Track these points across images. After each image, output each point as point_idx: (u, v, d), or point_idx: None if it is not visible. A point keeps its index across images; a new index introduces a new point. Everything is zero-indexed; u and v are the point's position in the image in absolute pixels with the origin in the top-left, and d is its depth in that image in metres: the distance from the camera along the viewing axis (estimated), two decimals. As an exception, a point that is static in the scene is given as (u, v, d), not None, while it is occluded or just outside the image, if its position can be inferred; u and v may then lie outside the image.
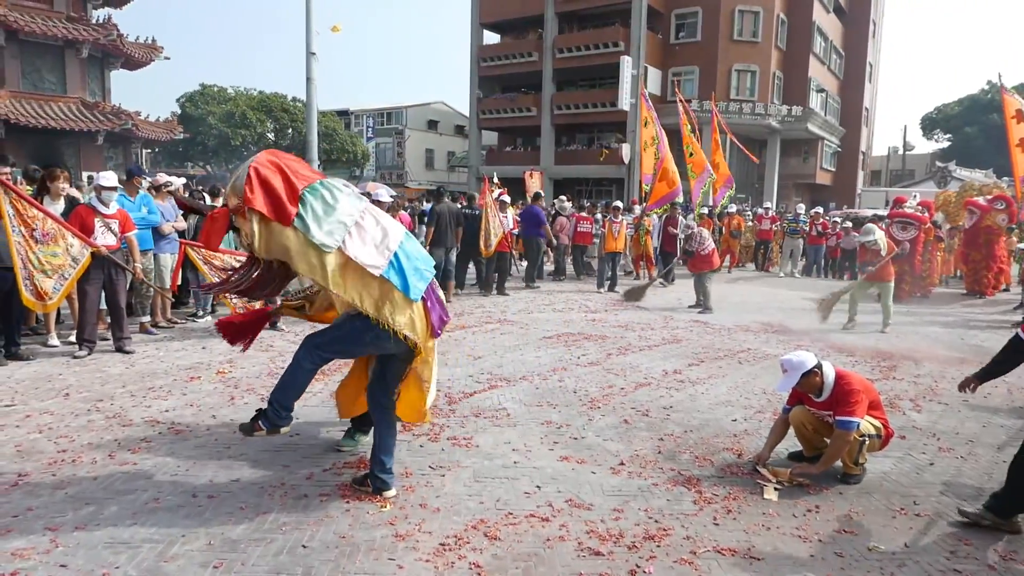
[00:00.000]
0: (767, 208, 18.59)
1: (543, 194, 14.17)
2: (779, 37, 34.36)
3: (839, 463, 4.06)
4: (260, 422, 3.58)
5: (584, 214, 14.92)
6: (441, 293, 3.83)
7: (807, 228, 16.69)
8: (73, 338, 6.82)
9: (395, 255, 3.42)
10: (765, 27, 33.34)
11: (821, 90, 37.43)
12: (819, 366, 4.09)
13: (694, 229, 10.98)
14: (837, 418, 3.95)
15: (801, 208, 17.67)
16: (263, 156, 3.44)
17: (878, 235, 8.95)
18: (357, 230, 3.37)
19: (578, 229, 14.41)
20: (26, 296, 5.90)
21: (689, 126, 14.98)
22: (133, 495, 3.56)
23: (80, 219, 6.40)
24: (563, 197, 18.34)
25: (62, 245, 6.10)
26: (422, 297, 3.48)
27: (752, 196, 33.85)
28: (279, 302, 4.24)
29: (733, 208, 18.09)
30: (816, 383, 4.06)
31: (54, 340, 6.93)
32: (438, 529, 3.30)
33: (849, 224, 16.43)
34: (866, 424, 4.02)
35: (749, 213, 19.60)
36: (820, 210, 17.29)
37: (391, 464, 3.68)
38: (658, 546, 3.21)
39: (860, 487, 3.98)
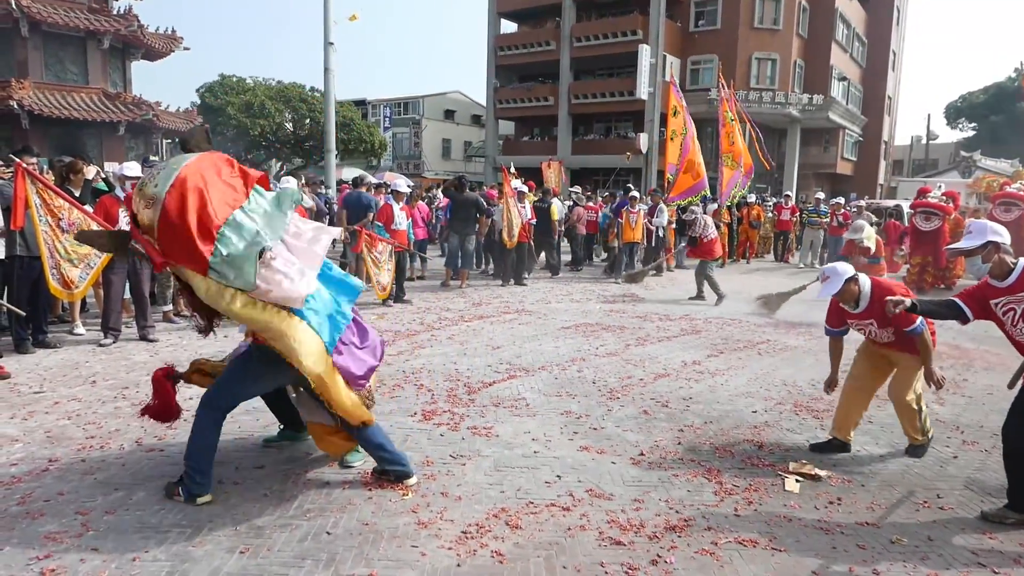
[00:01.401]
0: (787, 198, 18.38)
1: (632, 189, 14.02)
2: (800, 25, 33.84)
3: (903, 433, 4.29)
4: (180, 488, 3.39)
5: (590, 204, 15.55)
6: (373, 336, 3.60)
7: (827, 218, 16.48)
8: (98, 326, 6.93)
9: (309, 297, 3.20)
10: (786, 15, 32.84)
11: (843, 78, 36.86)
12: (856, 279, 4.18)
13: (698, 215, 10.73)
14: (906, 331, 4.04)
15: (821, 195, 17.36)
16: (187, 176, 2.99)
17: (866, 232, 8.76)
18: (271, 266, 3.09)
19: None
20: (53, 285, 5.99)
21: (730, 114, 14.74)
22: (160, 481, 3.62)
23: (104, 209, 6.49)
24: (578, 188, 18.27)
25: (88, 235, 6.18)
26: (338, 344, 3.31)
27: (771, 186, 33.49)
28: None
29: (752, 198, 17.89)
30: (854, 291, 4.15)
31: (80, 328, 7.05)
32: (460, 517, 3.32)
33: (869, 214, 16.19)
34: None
35: (769, 203, 19.39)
36: (841, 200, 17.05)
37: (393, 449, 3.64)
38: (679, 536, 3.22)
39: (883, 480, 3.96)
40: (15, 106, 16.86)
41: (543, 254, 13.43)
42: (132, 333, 6.94)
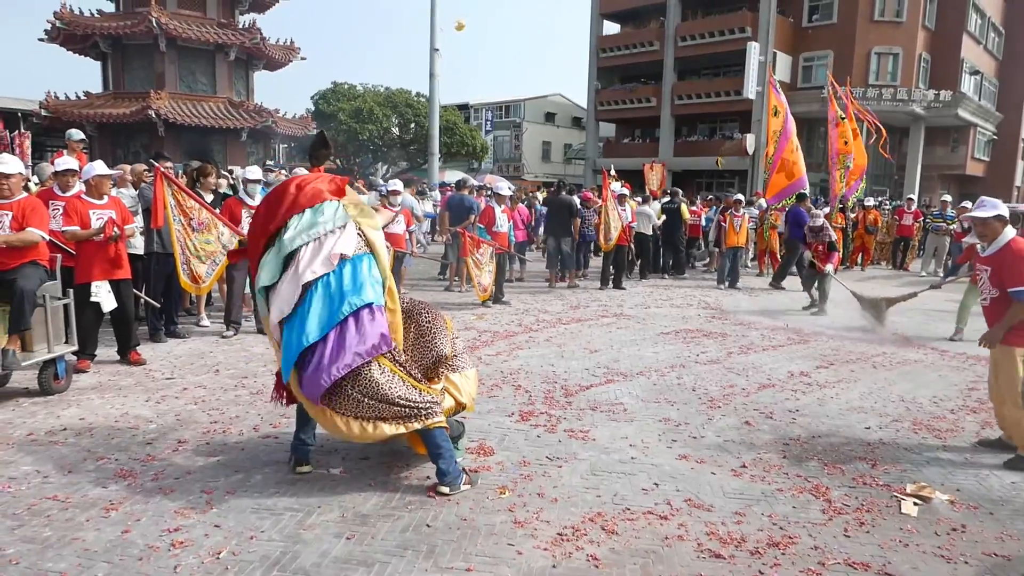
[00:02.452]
0: (909, 201, 17.20)
1: (807, 194, 13.11)
2: (927, 16, 31.55)
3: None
4: (293, 455, 3.87)
5: (692, 207, 15.31)
6: (327, 361, 3.36)
7: (954, 224, 15.25)
8: (221, 319, 7.46)
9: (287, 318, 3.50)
10: (911, 6, 30.68)
11: (975, 72, 34.02)
12: (1006, 222, 4.27)
13: (824, 222, 9.96)
14: (1010, 290, 4.10)
15: (948, 198, 16.07)
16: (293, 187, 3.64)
17: None
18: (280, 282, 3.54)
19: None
20: (183, 279, 6.51)
21: (841, 113, 14.03)
22: (275, 466, 3.86)
23: (229, 210, 6.98)
24: (678, 190, 17.82)
25: (214, 233, 6.67)
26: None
27: (891, 188, 31.45)
28: None
29: (870, 201, 16.86)
30: (996, 229, 4.27)
31: (205, 321, 7.61)
32: (556, 519, 3.34)
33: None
34: None
35: (888, 207, 18.19)
36: (969, 204, 15.77)
37: (447, 458, 3.59)
38: (783, 554, 3.09)
39: (1015, 508, 3.64)
40: (153, 115, 18.43)
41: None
42: (251, 326, 7.42)
